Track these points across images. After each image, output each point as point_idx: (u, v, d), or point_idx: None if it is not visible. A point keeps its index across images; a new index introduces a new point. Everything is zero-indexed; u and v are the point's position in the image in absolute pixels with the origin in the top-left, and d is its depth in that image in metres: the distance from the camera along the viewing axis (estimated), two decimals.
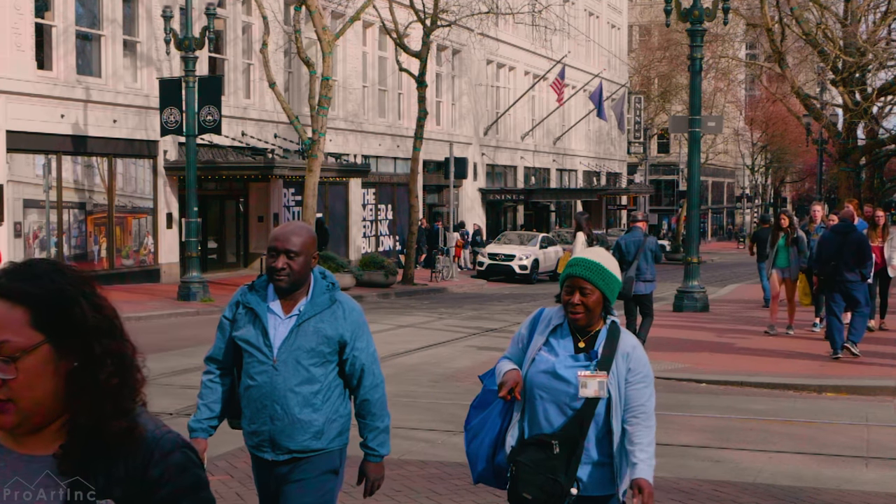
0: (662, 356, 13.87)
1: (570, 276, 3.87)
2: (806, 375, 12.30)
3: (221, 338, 4.22)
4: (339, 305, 4.12)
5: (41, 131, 23.21)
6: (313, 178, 25.15)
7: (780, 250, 15.46)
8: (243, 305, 4.14)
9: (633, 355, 3.87)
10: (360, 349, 4.14)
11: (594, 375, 3.79)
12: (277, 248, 4.04)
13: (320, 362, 4.06)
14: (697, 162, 21.43)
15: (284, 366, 4.02)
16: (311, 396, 4.04)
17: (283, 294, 4.09)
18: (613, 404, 3.82)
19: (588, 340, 3.90)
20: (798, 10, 31.96)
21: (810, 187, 79.63)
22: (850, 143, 35.90)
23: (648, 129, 61.72)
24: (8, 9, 22.26)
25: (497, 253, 35.16)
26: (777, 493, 7.22)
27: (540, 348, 3.93)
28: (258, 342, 4.06)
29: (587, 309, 3.83)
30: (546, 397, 3.87)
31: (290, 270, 4.02)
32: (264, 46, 26.70)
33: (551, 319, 3.98)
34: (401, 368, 13.05)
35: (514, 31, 46.13)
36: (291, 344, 4.03)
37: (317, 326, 4.05)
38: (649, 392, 3.88)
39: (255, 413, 4.08)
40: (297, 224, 4.19)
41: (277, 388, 4.02)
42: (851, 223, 13.72)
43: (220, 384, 4.23)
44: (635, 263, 13.55)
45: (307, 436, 4.05)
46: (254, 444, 4.15)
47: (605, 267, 3.85)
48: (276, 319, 4.07)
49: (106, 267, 25.56)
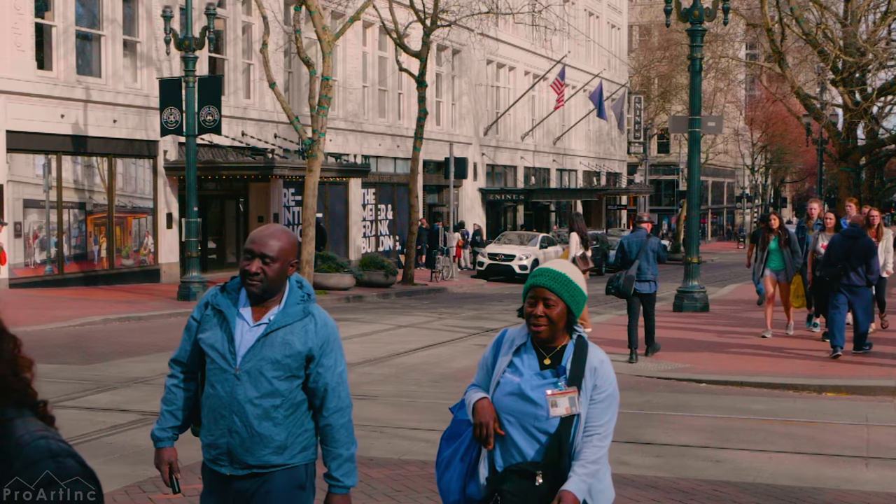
0: (662, 356, 13.88)
1: (533, 287, 3.67)
2: (806, 375, 12.30)
3: (187, 339, 3.99)
4: (311, 319, 3.86)
5: (41, 131, 23.22)
6: (313, 178, 25.14)
7: (772, 253, 15.36)
8: (212, 307, 3.91)
9: (599, 370, 3.66)
10: (327, 367, 3.86)
11: (564, 392, 3.58)
12: (253, 252, 3.81)
13: (285, 376, 3.80)
14: (697, 162, 21.43)
15: (247, 376, 3.78)
16: (272, 410, 3.80)
17: (255, 300, 3.86)
18: (581, 423, 3.62)
19: (554, 357, 3.68)
20: (798, 10, 31.98)
21: (810, 187, 79.66)
22: (850, 143, 35.93)
23: (648, 129, 61.72)
24: (8, 9, 22.27)
25: (497, 253, 35.17)
26: (777, 493, 7.21)
27: (504, 370, 3.70)
28: (222, 348, 3.83)
29: (550, 321, 3.62)
30: (514, 421, 3.64)
31: (264, 276, 3.79)
32: (264, 46, 26.69)
33: (514, 339, 3.76)
34: (401, 368, 13.05)
35: (513, 31, 46.13)
36: (256, 353, 3.79)
37: (285, 338, 3.81)
38: (612, 412, 3.69)
39: (213, 424, 3.85)
40: (278, 227, 3.96)
41: (237, 398, 3.78)
42: (861, 228, 13.82)
43: (184, 389, 4.01)
44: (636, 263, 13.61)
45: (267, 450, 3.82)
46: (211, 457, 3.90)
47: (570, 278, 3.66)
48: (243, 326, 3.84)
49: (106, 267, 25.57)
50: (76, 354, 13.88)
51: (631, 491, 7.09)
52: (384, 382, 11.90)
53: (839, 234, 13.84)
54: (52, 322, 17.35)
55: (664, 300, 21.65)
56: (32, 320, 17.24)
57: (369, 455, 8.02)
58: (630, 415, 10.08)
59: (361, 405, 10.41)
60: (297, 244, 3.94)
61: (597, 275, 38.88)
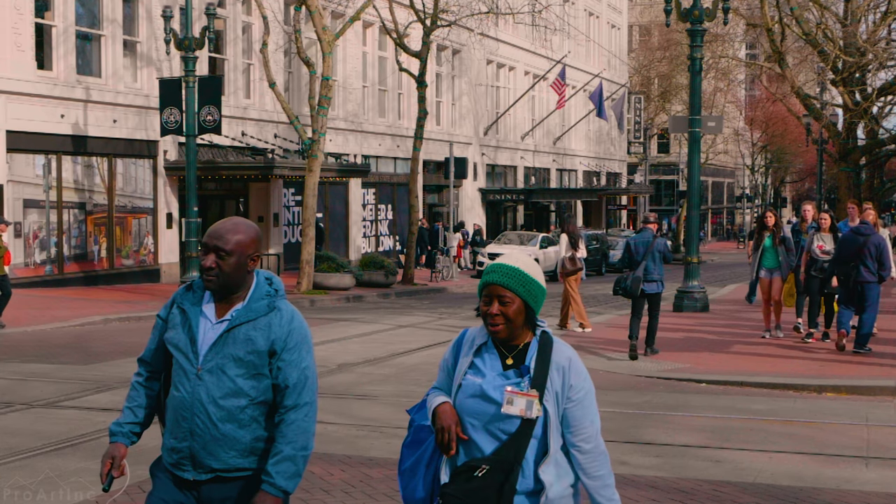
0: (662, 356, 13.88)
1: (486, 284, 3.49)
2: (806, 375, 12.30)
3: (154, 338, 3.86)
4: (277, 313, 3.69)
5: (41, 131, 23.22)
6: (313, 178, 25.17)
7: (766, 251, 15.33)
8: (177, 306, 3.77)
9: (570, 368, 3.47)
10: (288, 362, 3.66)
11: (524, 394, 3.39)
12: (207, 245, 3.67)
13: (250, 374, 3.64)
14: (697, 162, 21.43)
15: (209, 375, 3.63)
16: (237, 411, 3.63)
17: (218, 296, 3.71)
18: (551, 424, 3.43)
19: (517, 356, 3.51)
20: (798, 10, 31.98)
21: (810, 187, 79.68)
22: (850, 143, 35.93)
23: (648, 129, 61.75)
24: (8, 9, 22.27)
25: (497, 253, 35.08)
26: (777, 493, 7.21)
27: (466, 372, 3.52)
28: (185, 347, 3.69)
29: (507, 319, 3.45)
30: (477, 425, 3.45)
31: (220, 271, 3.64)
32: (264, 46, 26.70)
33: (475, 339, 3.58)
34: (401, 368, 13.05)
35: (514, 31, 46.13)
36: (219, 351, 3.64)
37: (248, 334, 3.64)
38: (594, 409, 3.50)
39: (175, 426, 3.68)
40: (238, 220, 3.78)
41: (199, 399, 3.62)
42: (871, 225, 13.91)
43: (146, 387, 3.87)
44: (643, 264, 13.67)
45: (233, 452, 3.64)
46: (173, 461, 3.71)
47: (525, 272, 3.48)
48: (206, 324, 3.70)
49: (106, 267, 25.58)
50: (76, 354, 13.88)
51: (631, 491, 7.08)
52: (384, 382, 11.90)
53: (850, 232, 13.92)
54: (52, 322, 17.35)
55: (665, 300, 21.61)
56: (32, 320, 17.25)
57: (369, 455, 8.01)
58: (630, 415, 10.08)
59: (361, 405, 10.42)
60: (257, 238, 3.76)
61: (596, 275, 38.92)
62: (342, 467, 7.66)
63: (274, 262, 29.32)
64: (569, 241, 17.61)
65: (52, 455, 7.85)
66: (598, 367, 13.17)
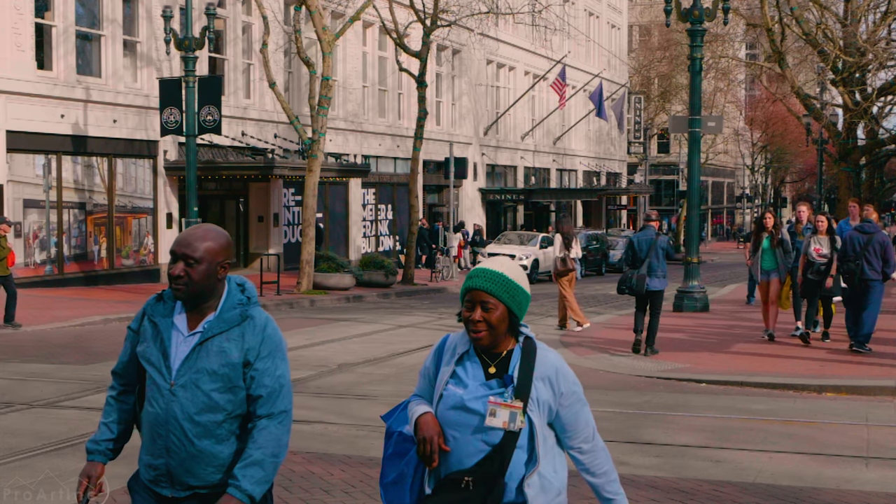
0: (662, 356, 13.89)
1: (469, 290, 3.38)
2: (806, 375, 12.31)
3: (126, 350, 3.75)
4: (250, 322, 3.58)
5: (41, 131, 23.22)
6: (313, 178, 25.17)
7: (764, 252, 15.31)
8: (148, 318, 3.65)
9: (558, 378, 3.39)
10: (262, 371, 3.55)
11: (508, 405, 3.30)
12: (176, 253, 3.55)
13: (225, 388, 3.52)
14: (697, 162, 21.43)
15: (183, 390, 3.51)
16: (214, 427, 3.52)
17: (189, 307, 3.59)
18: (537, 436, 3.34)
19: (500, 364, 3.40)
20: (798, 10, 31.97)
21: (810, 187, 79.66)
22: (850, 143, 35.90)
23: (648, 129, 61.75)
24: (8, 9, 22.27)
25: (497, 253, 35.08)
26: (777, 493, 7.21)
27: (447, 382, 3.42)
28: (157, 362, 3.57)
29: (490, 326, 3.34)
30: (459, 437, 3.35)
31: (189, 279, 3.51)
32: (264, 46, 26.70)
33: (456, 347, 3.48)
34: (401, 368, 13.05)
35: (514, 31, 46.13)
36: (192, 365, 3.52)
37: (221, 346, 3.53)
38: (586, 409, 3.45)
39: (151, 443, 3.58)
40: (207, 227, 3.66)
41: (174, 415, 3.51)
42: (875, 224, 14.04)
43: (122, 402, 3.78)
44: (647, 261, 13.75)
45: (211, 468, 3.54)
46: (151, 477, 3.61)
47: (509, 278, 3.37)
48: (178, 336, 3.57)
49: (106, 267, 25.58)
50: (76, 354, 13.88)
51: (631, 491, 7.08)
52: (384, 382, 11.90)
53: (854, 230, 13.97)
54: (52, 322, 17.35)
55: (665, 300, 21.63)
56: (32, 320, 17.25)
57: (369, 455, 8.01)
58: (630, 415, 10.08)
59: (361, 405, 10.41)
60: (228, 244, 3.64)
61: (596, 275, 38.93)
62: (342, 467, 7.66)
63: (274, 262, 29.31)
64: (562, 242, 17.58)
65: (52, 455, 7.85)
66: (598, 367, 13.17)
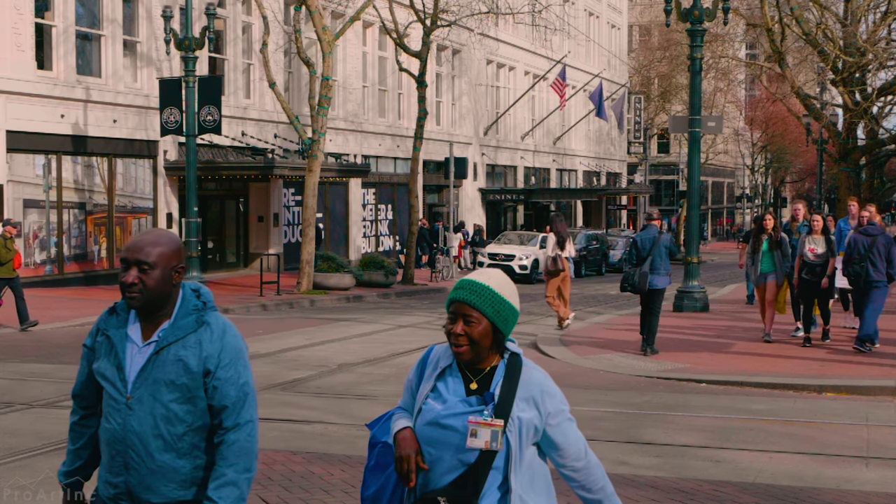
0: (662, 356, 13.89)
1: (452, 301, 3.25)
2: (806, 375, 12.31)
3: (83, 369, 3.61)
4: (207, 328, 3.42)
5: (41, 131, 23.22)
6: (313, 178, 25.17)
7: (764, 255, 15.27)
8: (102, 333, 3.51)
9: (543, 397, 3.26)
10: (224, 380, 3.39)
11: (488, 423, 3.16)
12: (128, 260, 3.40)
13: (184, 398, 3.38)
14: (697, 162, 21.43)
15: (139, 403, 3.37)
16: (175, 440, 3.38)
17: (144, 316, 3.45)
18: (513, 458, 3.21)
19: (482, 381, 3.27)
20: (798, 10, 31.98)
21: (810, 187, 79.65)
22: (850, 143, 35.92)
23: (648, 129, 61.75)
24: (8, 9, 22.27)
25: (497, 253, 35.14)
26: (777, 493, 7.21)
27: (427, 396, 3.31)
28: (113, 376, 3.42)
29: (472, 341, 3.21)
30: (435, 454, 3.23)
31: (143, 287, 3.37)
32: (264, 46, 26.70)
33: (439, 360, 3.35)
34: (401, 368, 13.05)
35: (514, 31, 46.13)
36: (148, 376, 3.37)
37: (178, 354, 3.38)
38: (574, 426, 3.33)
39: (110, 460, 3.44)
40: (159, 232, 3.53)
41: (132, 430, 3.37)
42: (878, 225, 14.08)
43: (86, 427, 3.64)
44: (650, 259, 13.79)
45: (172, 485, 3.39)
46: (110, 495, 3.46)
47: (496, 292, 3.24)
48: (133, 348, 3.43)
49: (106, 267, 25.58)
50: (76, 354, 13.80)
51: (631, 491, 7.08)
52: (384, 382, 11.90)
53: (858, 232, 13.98)
54: (52, 322, 17.36)
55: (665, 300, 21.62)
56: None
57: None
58: (630, 415, 10.09)
59: (361, 405, 10.41)
60: (180, 248, 3.52)
61: (596, 275, 38.92)
62: (342, 467, 7.67)
63: (274, 262, 29.29)
64: (556, 241, 17.49)
65: (52, 455, 7.84)
66: (598, 367, 13.17)
